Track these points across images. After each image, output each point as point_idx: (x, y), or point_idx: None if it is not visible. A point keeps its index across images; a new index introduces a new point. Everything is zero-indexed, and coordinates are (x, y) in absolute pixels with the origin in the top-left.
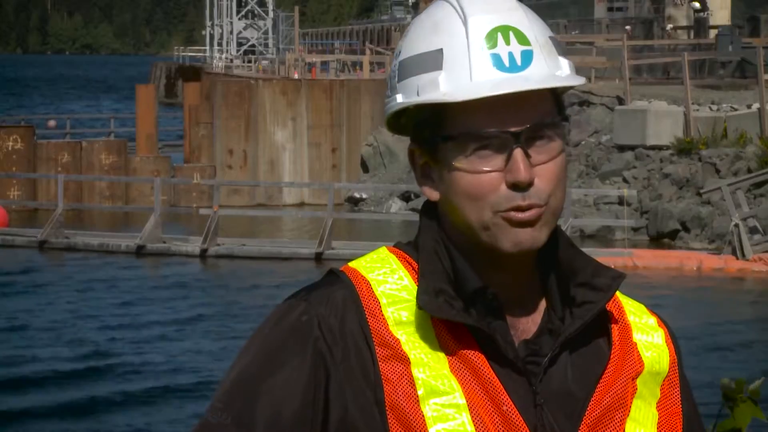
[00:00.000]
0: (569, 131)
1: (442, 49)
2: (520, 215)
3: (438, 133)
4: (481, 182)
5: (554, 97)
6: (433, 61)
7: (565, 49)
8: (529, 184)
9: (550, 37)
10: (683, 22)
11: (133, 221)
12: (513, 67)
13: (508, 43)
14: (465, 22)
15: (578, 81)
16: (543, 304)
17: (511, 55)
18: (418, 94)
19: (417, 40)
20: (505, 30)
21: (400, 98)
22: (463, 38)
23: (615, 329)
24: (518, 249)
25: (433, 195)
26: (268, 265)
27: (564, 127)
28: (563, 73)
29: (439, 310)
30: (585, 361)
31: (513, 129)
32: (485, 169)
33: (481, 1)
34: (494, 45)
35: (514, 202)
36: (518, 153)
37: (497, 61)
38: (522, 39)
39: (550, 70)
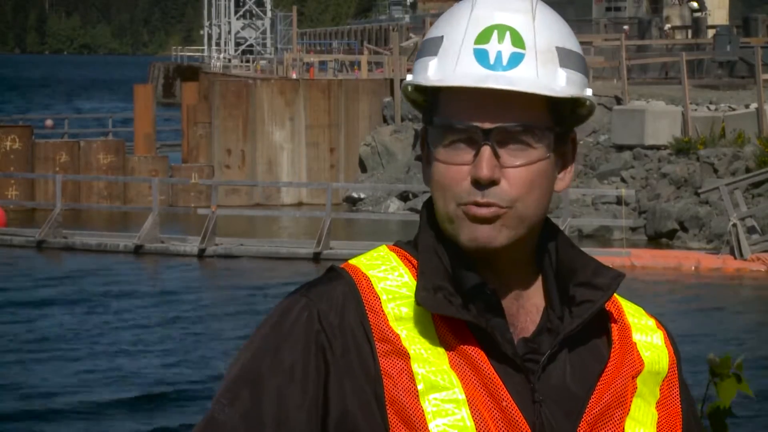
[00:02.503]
0: (572, 146)
1: (443, 36)
2: (476, 210)
3: (428, 117)
4: (450, 173)
5: (550, 105)
6: (434, 46)
7: (579, 64)
8: (492, 183)
9: (559, 48)
10: (680, 22)
11: (131, 221)
12: (497, 66)
13: (501, 41)
14: (470, 15)
15: (566, 93)
16: (542, 303)
17: (498, 54)
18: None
19: (435, 25)
20: (502, 29)
21: (408, 77)
22: (462, 29)
23: (615, 329)
24: (474, 245)
25: (427, 180)
26: (267, 265)
27: (549, 138)
28: (557, 86)
29: (438, 307)
30: (584, 359)
31: (486, 125)
32: (455, 161)
33: None
34: (486, 41)
35: (473, 197)
36: (485, 150)
37: (482, 56)
38: (517, 41)
39: (540, 78)
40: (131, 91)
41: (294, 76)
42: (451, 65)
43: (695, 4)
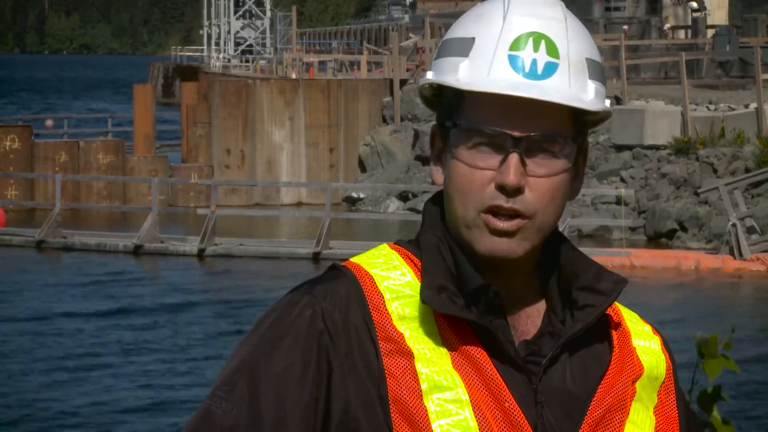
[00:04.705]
0: (583, 155)
1: (474, 38)
2: (499, 224)
3: (452, 118)
4: (473, 177)
5: (574, 117)
6: (464, 47)
7: (602, 75)
8: (517, 190)
9: (588, 59)
10: (679, 22)
11: (130, 221)
12: (532, 74)
13: (536, 50)
14: (504, 19)
15: (596, 107)
16: (543, 306)
17: (534, 62)
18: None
19: (460, 24)
20: (538, 37)
21: (429, 75)
22: (496, 33)
23: (615, 333)
24: (492, 255)
25: (438, 178)
26: (266, 265)
27: (572, 149)
28: (587, 97)
29: (442, 305)
30: (585, 363)
31: (516, 133)
32: (480, 165)
33: (529, 4)
34: (521, 48)
35: (496, 200)
36: (513, 157)
37: (517, 63)
38: (552, 50)
39: (572, 89)
40: (131, 91)
41: (294, 76)
42: (484, 69)
43: (695, 4)
